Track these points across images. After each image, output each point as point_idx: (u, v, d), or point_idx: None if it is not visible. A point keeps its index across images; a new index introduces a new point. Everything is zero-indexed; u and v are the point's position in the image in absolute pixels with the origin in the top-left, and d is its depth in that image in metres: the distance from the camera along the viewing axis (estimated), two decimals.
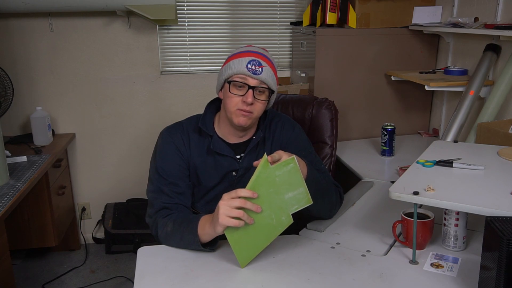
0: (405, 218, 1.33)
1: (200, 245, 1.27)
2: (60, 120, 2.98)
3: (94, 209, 3.16)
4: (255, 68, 1.38)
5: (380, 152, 2.32)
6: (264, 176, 1.18)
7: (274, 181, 1.18)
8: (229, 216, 1.17)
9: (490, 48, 2.18)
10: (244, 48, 1.46)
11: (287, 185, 1.19)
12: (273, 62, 1.46)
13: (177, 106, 3.05)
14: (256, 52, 1.42)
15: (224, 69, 1.43)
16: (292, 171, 1.18)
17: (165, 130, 1.52)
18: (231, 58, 1.43)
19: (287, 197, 1.19)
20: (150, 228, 1.42)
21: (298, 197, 1.20)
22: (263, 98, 1.42)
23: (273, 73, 1.43)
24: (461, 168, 1.38)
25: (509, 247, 0.93)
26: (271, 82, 1.41)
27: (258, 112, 1.43)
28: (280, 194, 1.19)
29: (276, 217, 1.20)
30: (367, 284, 1.17)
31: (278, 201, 1.19)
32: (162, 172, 1.45)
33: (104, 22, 2.86)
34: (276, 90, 1.46)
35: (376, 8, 2.56)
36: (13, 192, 1.94)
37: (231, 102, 1.40)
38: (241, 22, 3.04)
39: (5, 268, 1.81)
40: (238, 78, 1.39)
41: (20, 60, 2.83)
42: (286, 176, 1.18)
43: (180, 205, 1.42)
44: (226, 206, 1.17)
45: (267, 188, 1.18)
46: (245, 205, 1.17)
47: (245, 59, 1.39)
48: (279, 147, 1.53)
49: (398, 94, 2.68)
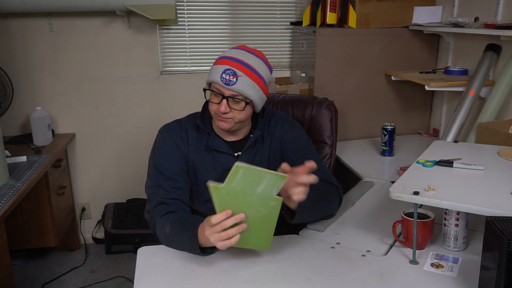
0: (405, 218, 1.33)
1: (199, 251, 1.27)
2: (60, 120, 2.97)
3: (94, 209, 3.16)
4: (229, 78, 1.36)
5: (380, 152, 2.32)
6: (224, 196, 1.16)
7: (236, 192, 1.16)
8: (223, 240, 1.16)
9: (491, 48, 2.18)
10: (230, 51, 1.43)
11: (251, 184, 1.16)
12: (257, 69, 1.40)
13: (177, 106, 3.04)
14: (235, 60, 1.38)
15: (209, 73, 1.43)
16: (245, 173, 1.14)
17: (164, 127, 1.54)
18: (216, 61, 1.42)
19: (260, 190, 1.17)
20: (148, 224, 1.42)
21: (270, 183, 1.17)
22: (238, 108, 1.40)
23: (252, 81, 1.38)
24: (461, 168, 1.38)
25: (509, 247, 0.93)
26: (247, 92, 1.38)
27: (240, 118, 1.42)
28: (251, 194, 1.17)
29: (265, 207, 1.19)
30: (367, 284, 1.17)
31: (254, 199, 1.17)
32: (160, 167, 1.46)
33: (104, 22, 2.86)
34: (257, 99, 1.42)
35: (376, 8, 2.56)
36: (13, 192, 1.94)
37: (211, 107, 1.43)
38: (241, 22, 3.04)
39: (5, 268, 1.81)
40: (214, 87, 1.40)
41: (20, 60, 2.83)
42: (243, 181, 1.15)
43: (178, 200, 1.42)
44: (213, 235, 1.16)
45: (235, 200, 1.16)
46: (227, 225, 1.15)
47: (221, 67, 1.37)
48: (279, 146, 1.54)
49: (398, 94, 2.68)
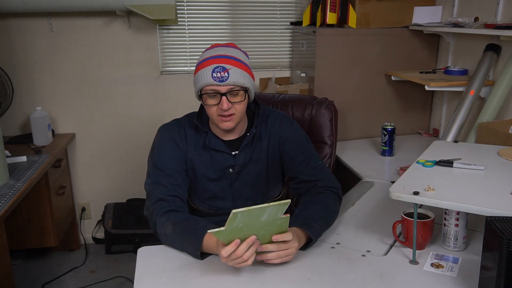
0: (405, 218, 1.33)
1: (200, 257, 1.28)
2: (60, 120, 2.97)
3: (94, 209, 3.16)
4: (221, 75, 1.36)
5: (380, 152, 2.32)
6: (228, 235, 1.13)
7: (239, 228, 1.12)
8: (240, 263, 1.16)
9: (490, 48, 2.18)
10: (207, 53, 1.42)
11: (254, 219, 1.12)
12: (240, 58, 1.41)
13: (177, 106, 3.04)
14: (218, 57, 1.38)
15: (195, 80, 1.43)
16: (243, 215, 1.09)
17: (163, 126, 1.55)
18: (198, 67, 1.41)
19: (264, 218, 1.13)
20: (148, 221, 1.43)
21: (273, 211, 1.12)
22: (239, 99, 1.41)
23: (241, 70, 1.39)
24: (461, 168, 1.38)
25: (509, 247, 0.93)
26: (241, 81, 1.39)
27: (240, 111, 1.43)
28: (255, 224, 1.13)
29: (272, 226, 1.17)
30: (367, 284, 1.17)
31: (260, 226, 1.15)
32: (159, 165, 1.46)
33: (104, 22, 2.86)
34: (251, 85, 1.43)
35: (376, 8, 2.56)
36: (13, 192, 1.94)
37: (211, 111, 1.42)
38: (241, 22, 3.04)
39: (5, 268, 1.81)
40: (208, 89, 1.39)
41: (20, 60, 2.83)
42: (244, 220, 1.11)
43: (177, 197, 1.42)
44: (229, 262, 1.17)
45: (240, 232, 1.13)
46: (239, 255, 1.14)
47: (209, 68, 1.37)
48: (277, 144, 1.54)
49: (398, 94, 2.68)
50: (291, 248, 1.23)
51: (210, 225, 1.29)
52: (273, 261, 1.22)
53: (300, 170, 1.52)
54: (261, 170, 1.55)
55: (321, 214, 1.38)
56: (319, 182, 1.49)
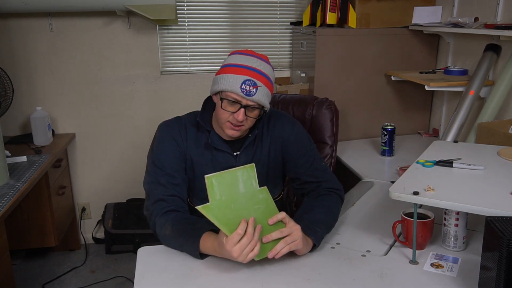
0: (405, 218, 1.33)
1: (199, 257, 1.28)
2: (60, 120, 2.98)
3: (94, 209, 3.16)
4: (249, 89, 1.34)
5: (380, 152, 2.33)
6: (217, 212, 1.17)
7: (224, 202, 1.19)
8: (251, 249, 1.17)
9: (490, 48, 2.18)
10: (240, 58, 1.39)
11: (231, 188, 1.21)
12: (270, 76, 1.40)
13: (177, 106, 3.04)
14: (253, 70, 1.36)
15: (219, 79, 1.39)
16: (218, 180, 1.19)
17: (163, 123, 1.54)
18: (228, 70, 1.38)
19: (241, 188, 1.22)
20: (148, 221, 1.42)
21: (245, 177, 1.23)
22: (254, 116, 1.40)
23: (268, 90, 1.39)
24: (461, 168, 1.38)
25: (509, 247, 0.93)
26: (264, 101, 1.38)
27: (250, 125, 1.43)
28: (237, 197, 1.22)
29: (258, 203, 1.24)
30: (367, 284, 1.17)
31: (243, 199, 1.23)
32: (159, 163, 1.45)
33: (104, 22, 2.86)
34: (269, 106, 1.43)
35: (376, 8, 2.56)
36: (13, 192, 1.94)
37: (222, 115, 1.40)
38: (241, 22, 3.04)
39: (5, 268, 1.81)
40: (231, 97, 1.36)
41: (20, 60, 2.83)
42: (222, 188, 1.19)
43: (176, 197, 1.42)
44: (239, 255, 1.16)
45: (229, 210, 1.19)
46: (251, 235, 1.16)
47: (241, 77, 1.34)
48: (279, 145, 1.54)
49: (398, 94, 2.68)
50: (295, 231, 1.22)
51: (208, 225, 1.29)
52: (282, 251, 1.21)
53: (303, 171, 1.52)
54: (261, 171, 1.54)
55: (324, 218, 1.38)
56: (323, 183, 1.49)
